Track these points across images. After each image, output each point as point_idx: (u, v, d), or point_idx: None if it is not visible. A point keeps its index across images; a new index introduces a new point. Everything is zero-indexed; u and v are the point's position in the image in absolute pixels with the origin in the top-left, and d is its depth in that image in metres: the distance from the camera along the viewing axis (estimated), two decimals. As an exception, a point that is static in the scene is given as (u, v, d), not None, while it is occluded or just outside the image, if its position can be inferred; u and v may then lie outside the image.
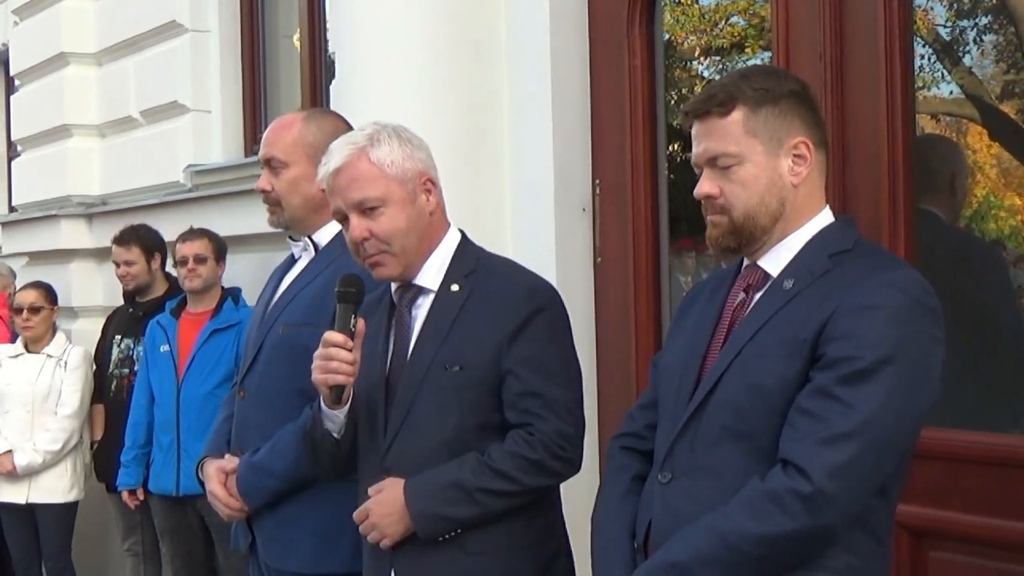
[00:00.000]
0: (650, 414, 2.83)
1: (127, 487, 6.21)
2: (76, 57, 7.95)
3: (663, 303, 4.42)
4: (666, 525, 2.56)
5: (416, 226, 3.09)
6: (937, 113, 3.86)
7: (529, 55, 4.62)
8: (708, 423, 2.56)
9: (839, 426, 2.37)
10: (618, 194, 4.46)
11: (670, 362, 2.76)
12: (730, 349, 2.57)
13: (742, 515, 2.41)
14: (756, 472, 2.46)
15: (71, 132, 8.01)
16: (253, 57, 7.09)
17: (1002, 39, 3.65)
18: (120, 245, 6.55)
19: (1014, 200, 3.69)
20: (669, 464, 2.61)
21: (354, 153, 3.08)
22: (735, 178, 2.59)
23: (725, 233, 2.62)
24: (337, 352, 2.99)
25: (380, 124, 3.15)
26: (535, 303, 3.04)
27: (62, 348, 6.91)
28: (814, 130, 2.64)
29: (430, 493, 2.97)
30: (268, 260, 5.56)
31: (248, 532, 3.69)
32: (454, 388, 3.01)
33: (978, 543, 3.27)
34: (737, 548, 2.40)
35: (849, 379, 2.39)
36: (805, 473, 2.37)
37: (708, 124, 2.62)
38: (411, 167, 3.10)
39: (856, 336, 2.41)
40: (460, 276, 3.11)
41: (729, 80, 2.69)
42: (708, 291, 2.79)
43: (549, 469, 2.98)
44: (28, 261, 8.52)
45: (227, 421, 3.78)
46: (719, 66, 5.00)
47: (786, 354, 2.48)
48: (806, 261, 2.58)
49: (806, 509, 2.36)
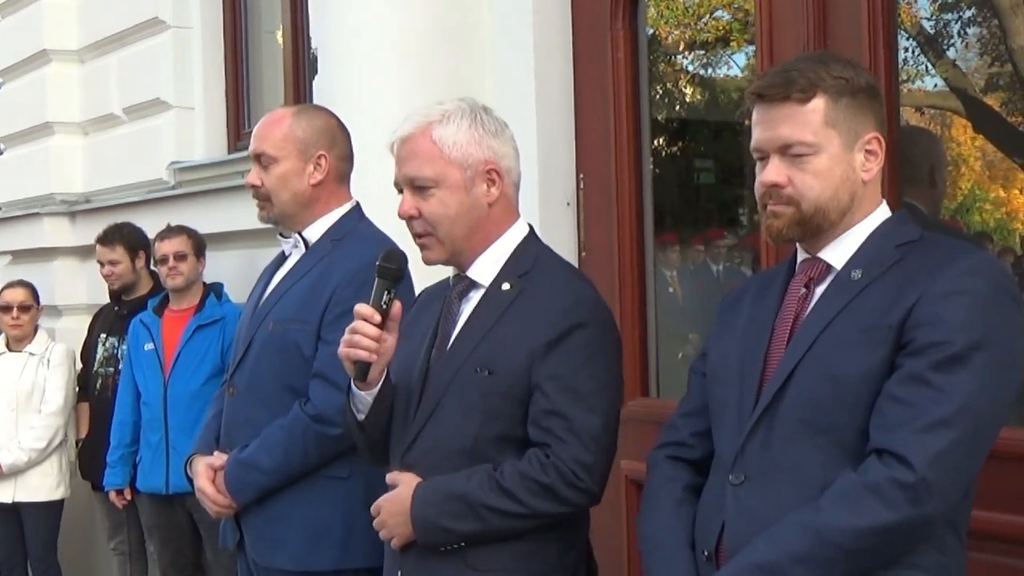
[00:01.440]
0: (694, 421, 2.73)
1: (114, 487, 6.18)
2: (58, 54, 7.92)
3: (648, 296, 4.41)
4: (743, 528, 2.46)
5: (468, 215, 2.92)
6: (921, 106, 3.86)
7: (512, 49, 4.62)
8: (783, 419, 2.46)
9: (935, 413, 2.30)
10: (602, 188, 4.46)
11: (724, 364, 2.64)
12: (800, 342, 2.49)
13: (838, 508, 2.32)
14: (836, 467, 2.38)
15: (54, 130, 7.98)
16: (236, 53, 7.06)
17: (986, 32, 3.66)
18: (104, 245, 6.53)
19: (999, 192, 3.70)
20: (740, 465, 2.50)
21: (420, 126, 2.93)
22: (808, 168, 2.49)
23: (790, 224, 2.52)
24: (362, 326, 2.84)
25: (466, 102, 2.99)
26: (576, 317, 2.85)
27: (44, 346, 6.89)
28: (883, 127, 2.58)
29: (434, 501, 2.83)
30: (253, 257, 5.56)
31: (236, 529, 3.69)
32: (480, 393, 2.85)
33: (979, 537, 3.26)
34: (834, 544, 2.31)
35: (941, 365, 2.32)
36: (906, 461, 2.28)
37: (785, 109, 2.50)
38: (476, 153, 2.92)
39: (945, 321, 2.34)
40: (514, 275, 2.93)
41: (806, 65, 2.55)
42: (754, 290, 2.70)
43: (560, 496, 2.79)
44: (11, 260, 8.49)
45: (216, 418, 3.78)
46: (703, 60, 5.01)
47: (868, 342, 2.40)
48: (873, 252, 2.51)
49: (908, 499, 2.28)
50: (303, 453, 3.48)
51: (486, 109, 3.01)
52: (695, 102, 5.16)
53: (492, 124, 2.99)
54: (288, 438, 3.50)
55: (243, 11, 7.05)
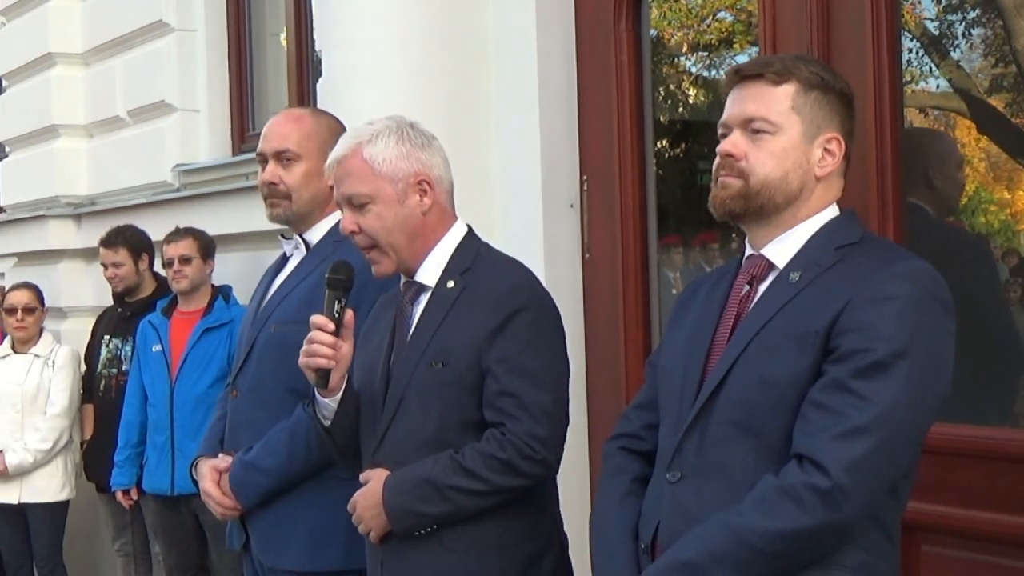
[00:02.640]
0: (647, 414, 2.79)
1: (121, 487, 6.19)
2: (63, 57, 7.93)
3: (651, 298, 4.41)
4: (675, 525, 2.52)
5: (404, 225, 3.11)
6: (925, 107, 3.85)
7: (516, 51, 4.62)
8: (716, 420, 2.52)
9: (855, 420, 2.34)
10: (605, 190, 4.46)
11: (671, 359, 2.71)
12: (736, 343, 2.53)
13: (757, 512, 2.38)
14: (766, 469, 2.42)
15: (59, 132, 7.99)
16: (240, 56, 7.07)
17: (990, 33, 3.65)
18: (107, 247, 6.54)
19: (1003, 194, 3.70)
20: (677, 463, 2.56)
21: (352, 147, 3.13)
22: (765, 146, 2.57)
23: (735, 195, 2.60)
24: (317, 335, 3.03)
25: (393, 120, 3.18)
26: (516, 302, 3.04)
27: (49, 348, 6.91)
28: (848, 136, 2.63)
29: (404, 489, 3.00)
30: (257, 258, 5.56)
31: (242, 531, 3.70)
32: (438, 384, 3.03)
33: (970, 537, 3.27)
34: (752, 545, 2.37)
35: (864, 372, 2.36)
36: (822, 468, 2.33)
37: (756, 88, 2.61)
38: (405, 167, 3.11)
39: (870, 328, 2.38)
40: (456, 273, 3.13)
41: (788, 56, 2.71)
42: (708, 286, 2.75)
43: (519, 470, 2.96)
44: (16, 262, 8.50)
45: (221, 420, 3.79)
46: (706, 62, 5.00)
47: (796, 347, 2.44)
48: (813, 253, 2.56)
49: (824, 504, 2.33)
50: (306, 454, 3.48)
51: (412, 124, 3.20)
52: (698, 104, 5.15)
53: (419, 138, 3.18)
54: (291, 440, 3.50)
55: (247, 14, 7.06)
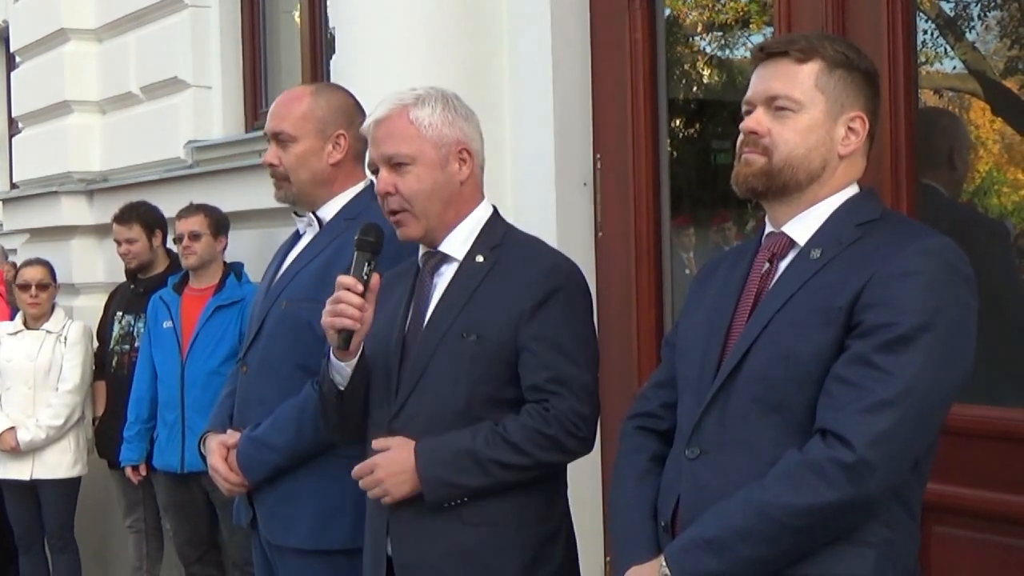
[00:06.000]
0: (664, 393, 2.79)
1: (130, 463, 6.20)
2: (76, 33, 7.92)
3: (664, 277, 4.41)
4: (696, 501, 2.52)
5: (442, 191, 3.11)
6: (940, 88, 3.85)
7: (530, 30, 4.61)
8: (738, 396, 2.52)
9: (879, 394, 2.34)
10: (619, 169, 4.46)
11: (690, 337, 2.71)
12: (758, 319, 2.53)
13: (781, 487, 2.38)
14: (788, 445, 2.42)
15: (71, 108, 7.99)
16: (253, 33, 7.07)
17: (1005, 15, 3.64)
18: (121, 223, 6.53)
19: (1017, 175, 3.69)
20: (697, 439, 2.57)
21: (396, 108, 3.13)
22: (789, 124, 2.57)
23: (757, 173, 2.59)
24: (345, 295, 3.00)
25: (435, 88, 3.20)
26: (554, 282, 3.05)
27: (61, 324, 6.90)
28: (872, 115, 2.63)
29: (442, 459, 2.98)
30: (270, 236, 5.57)
31: (249, 508, 3.70)
32: (469, 357, 3.02)
33: (981, 517, 3.27)
34: (776, 521, 2.37)
35: (888, 346, 2.36)
36: (847, 442, 2.33)
37: (781, 66, 2.60)
38: (449, 133, 3.12)
39: (894, 303, 2.38)
40: (486, 248, 3.13)
41: (813, 35, 2.70)
42: (727, 264, 2.75)
43: (563, 446, 2.99)
44: (29, 238, 8.52)
45: (230, 396, 3.79)
46: (721, 42, 4.99)
47: (820, 322, 2.44)
48: (834, 230, 2.56)
49: (848, 479, 2.33)
50: (314, 432, 3.47)
51: (456, 96, 3.21)
52: (713, 84, 5.14)
53: (462, 108, 3.20)
54: (299, 417, 3.50)
55: (261, -9, 7.06)
